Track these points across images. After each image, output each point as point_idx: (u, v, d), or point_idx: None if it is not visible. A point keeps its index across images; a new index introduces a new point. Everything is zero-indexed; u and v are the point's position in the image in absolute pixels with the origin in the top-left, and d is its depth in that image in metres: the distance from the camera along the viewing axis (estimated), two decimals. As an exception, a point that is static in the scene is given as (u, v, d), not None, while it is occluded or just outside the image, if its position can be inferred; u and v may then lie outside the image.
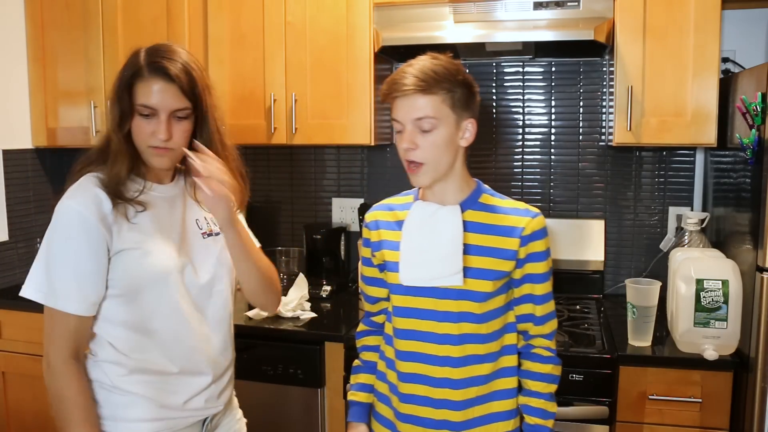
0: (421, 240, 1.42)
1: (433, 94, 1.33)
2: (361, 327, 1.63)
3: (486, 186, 1.49)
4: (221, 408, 1.53)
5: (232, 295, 1.54)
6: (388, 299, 1.54)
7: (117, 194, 1.36)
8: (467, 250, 1.40)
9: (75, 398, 1.34)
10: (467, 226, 1.41)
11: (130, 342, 1.40)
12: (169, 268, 1.39)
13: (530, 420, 1.46)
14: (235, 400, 1.66)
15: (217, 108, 1.45)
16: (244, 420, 1.66)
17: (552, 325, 1.49)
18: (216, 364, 1.49)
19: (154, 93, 1.33)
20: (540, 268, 1.44)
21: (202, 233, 1.49)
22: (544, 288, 1.46)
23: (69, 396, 1.34)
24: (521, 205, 1.46)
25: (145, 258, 1.37)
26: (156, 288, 1.38)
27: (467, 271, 1.39)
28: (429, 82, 1.33)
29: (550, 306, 1.48)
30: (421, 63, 1.36)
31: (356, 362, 1.62)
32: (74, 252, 1.33)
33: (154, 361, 1.40)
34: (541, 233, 1.44)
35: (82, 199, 1.34)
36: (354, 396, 1.59)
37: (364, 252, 1.56)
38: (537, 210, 1.45)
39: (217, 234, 1.49)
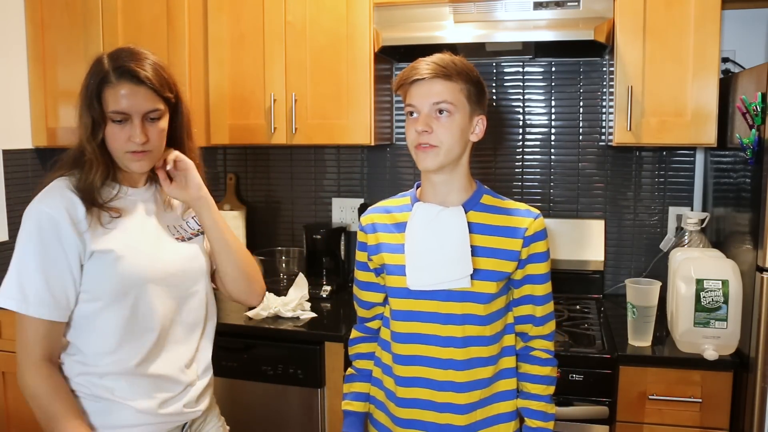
0: (427, 243, 1.40)
1: (451, 81, 1.36)
2: (354, 333, 1.61)
3: (486, 187, 1.49)
4: (200, 413, 1.49)
5: (208, 298, 1.52)
6: (383, 304, 1.53)
7: (92, 200, 1.34)
8: (472, 251, 1.39)
9: (52, 395, 1.31)
10: (471, 228, 1.41)
11: (104, 347, 1.36)
12: (145, 272, 1.37)
13: (532, 423, 1.45)
14: (216, 408, 1.62)
15: (185, 102, 1.46)
16: (227, 428, 1.63)
17: (551, 326, 1.48)
18: (190, 369, 1.47)
19: (125, 97, 1.31)
20: (541, 268, 1.44)
21: (176, 238, 1.47)
22: (545, 289, 1.46)
23: (44, 393, 1.31)
24: (522, 205, 1.46)
25: (120, 263, 1.34)
26: (131, 293, 1.35)
27: (473, 273, 1.39)
28: (449, 70, 1.35)
29: (549, 307, 1.47)
30: (439, 55, 1.39)
31: (349, 370, 1.61)
32: (46, 257, 1.31)
33: (127, 366, 1.37)
34: (543, 234, 1.44)
35: (54, 203, 1.33)
36: (348, 405, 1.57)
37: (360, 256, 1.54)
38: (537, 211, 1.45)
39: (189, 239, 1.49)
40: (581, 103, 2.51)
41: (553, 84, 2.53)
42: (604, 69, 2.47)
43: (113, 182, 1.41)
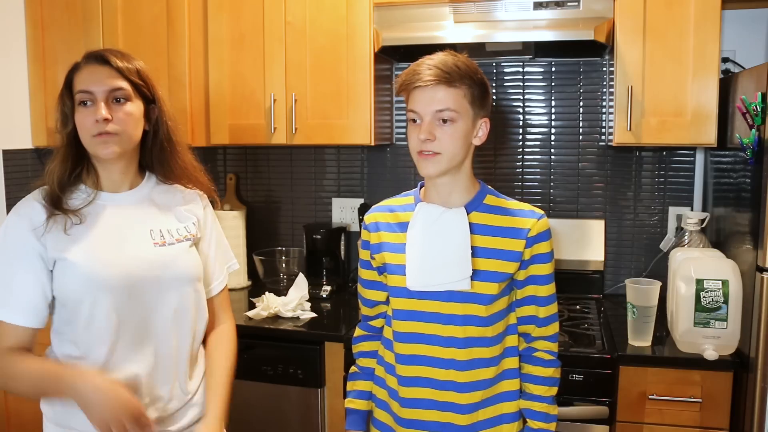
0: (428, 244, 1.40)
1: (455, 87, 1.33)
2: (357, 332, 1.61)
3: (489, 187, 1.48)
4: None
5: (185, 309, 1.43)
6: (386, 303, 1.53)
7: (55, 204, 1.35)
8: (473, 252, 1.39)
9: (27, 363, 1.31)
10: (473, 228, 1.40)
11: (71, 353, 1.37)
12: (98, 279, 1.33)
13: (534, 424, 1.45)
14: None
15: (165, 102, 1.45)
16: None
17: (555, 327, 1.48)
18: (156, 382, 1.40)
19: (89, 76, 1.35)
20: (544, 269, 1.44)
21: (154, 243, 1.41)
22: (548, 290, 1.45)
23: (22, 367, 1.31)
24: (526, 206, 1.45)
25: (72, 270, 1.33)
26: (86, 300, 1.33)
27: (474, 274, 1.38)
28: (452, 75, 1.32)
29: (553, 308, 1.47)
30: (442, 57, 1.35)
31: (353, 369, 1.61)
32: (13, 265, 1.33)
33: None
34: (546, 234, 1.43)
35: (20, 211, 1.37)
36: (352, 404, 1.57)
37: (363, 254, 1.54)
38: (541, 211, 1.44)
39: (172, 243, 1.43)
40: (581, 103, 2.51)
41: (553, 84, 2.53)
42: (604, 69, 2.47)
43: (89, 188, 1.41)
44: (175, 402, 1.44)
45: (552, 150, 2.55)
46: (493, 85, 2.57)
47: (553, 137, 2.55)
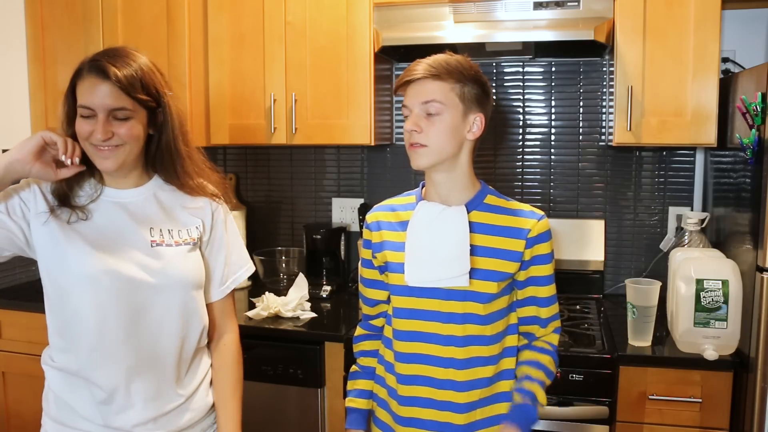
0: (427, 240, 1.41)
1: (442, 80, 1.36)
2: (358, 331, 1.61)
3: (490, 187, 1.49)
4: None
5: (172, 317, 1.40)
6: (387, 302, 1.53)
7: (62, 200, 1.36)
8: (473, 251, 1.39)
9: None
10: (473, 227, 1.41)
11: (58, 345, 1.39)
12: (86, 273, 1.33)
13: (518, 398, 1.40)
14: None
15: (172, 107, 1.41)
16: None
17: (556, 323, 1.49)
18: (138, 380, 1.38)
19: (90, 92, 1.31)
20: (544, 270, 1.44)
21: (151, 241, 1.39)
22: (549, 290, 1.45)
23: None
24: (526, 206, 1.46)
25: (64, 259, 1.34)
26: (73, 292, 1.34)
27: (473, 272, 1.39)
28: (439, 70, 1.36)
29: (554, 308, 1.47)
30: (436, 56, 1.39)
31: (354, 368, 1.61)
32: None
33: (74, 366, 1.37)
34: (546, 235, 1.44)
35: (33, 187, 1.39)
36: (352, 402, 1.57)
37: (365, 254, 1.55)
38: (542, 212, 1.45)
39: (170, 245, 1.41)
40: (581, 103, 2.51)
41: (553, 84, 2.53)
42: (604, 69, 2.47)
43: (96, 182, 1.41)
44: (164, 402, 1.42)
45: (552, 150, 2.55)
46: (493, 85, 2.57)
47: (553, 137, 2.55)
